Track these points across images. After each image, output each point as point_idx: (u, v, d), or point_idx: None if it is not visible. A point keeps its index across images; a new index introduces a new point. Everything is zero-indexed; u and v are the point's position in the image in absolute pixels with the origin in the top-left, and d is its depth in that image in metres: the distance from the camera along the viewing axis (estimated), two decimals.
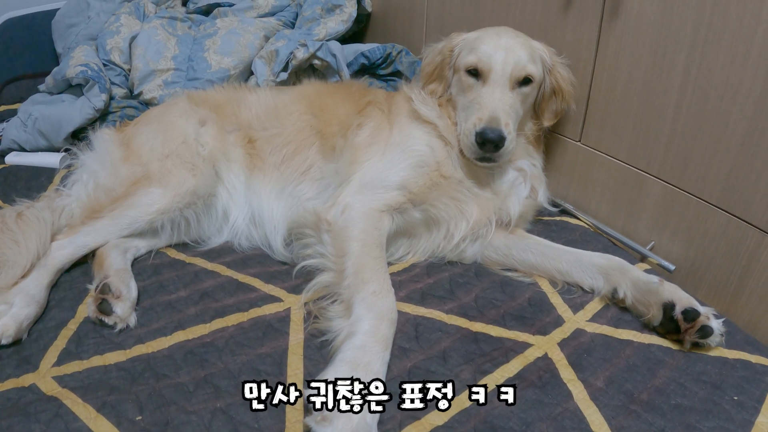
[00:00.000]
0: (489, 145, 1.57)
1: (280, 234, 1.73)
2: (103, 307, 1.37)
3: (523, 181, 1.75)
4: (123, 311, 1.38)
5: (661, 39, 1.59)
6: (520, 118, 1.71)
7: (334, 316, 1.35)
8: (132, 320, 1.40)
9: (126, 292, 1.42)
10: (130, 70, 2.51)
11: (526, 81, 1.67)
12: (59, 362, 1.29)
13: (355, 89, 1.95)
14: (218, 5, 2.84)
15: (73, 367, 1.27)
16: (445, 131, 1.71)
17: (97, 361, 1.29)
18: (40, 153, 2.31)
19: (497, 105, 1.61)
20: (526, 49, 1.68)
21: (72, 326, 1.40)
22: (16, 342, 1.34)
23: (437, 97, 1.78)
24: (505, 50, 1.65)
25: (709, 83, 1.50)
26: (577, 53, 1.84)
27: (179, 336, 1.36)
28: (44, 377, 1.24)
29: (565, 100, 1.79)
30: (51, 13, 2.93)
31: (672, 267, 1.69)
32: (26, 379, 1.24)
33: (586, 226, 1.88)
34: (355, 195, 1.59)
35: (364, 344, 1.22)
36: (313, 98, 1.90)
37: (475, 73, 1.67)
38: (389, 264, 1.60)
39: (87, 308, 1.42)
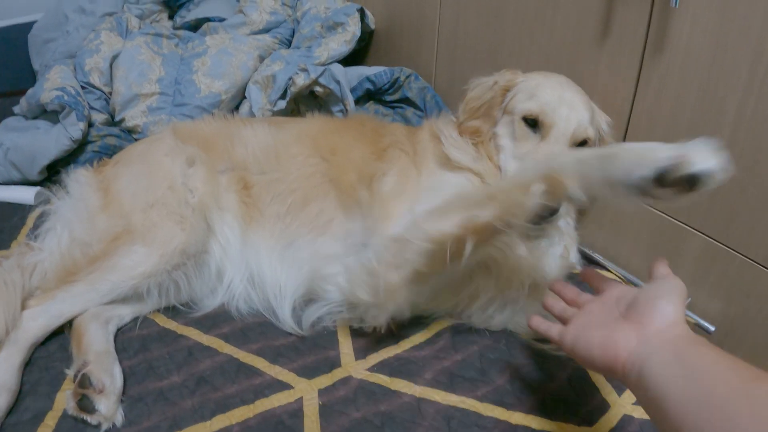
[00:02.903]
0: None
1: (287, 299, 1.54)
2: (84, 405, 1.18)
3: (558, 240, 1.59)
4: (107, 409, 1.19)
5: (712, 80, 1.43)
6: None
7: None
8: (118, 418, 1.20)
9: (109, 384, 1.22)
10: (111, 93, 2.31)
11: (582, 143, 1.53)
12: None
13: (368, 127, 1.74)
14: (208, 20, 2.64)
15: None
16: (486, 175, 1.54)
17: None
18: (12, 186, 2.11)
19: None
20: (588, 111, 1.53)
21: (50, 422, 1.21)
22: None
23: (482, 135, 1.60)
24: (569, 106, 1.50)
25: (763, 133, 1.36)
26: (613, 89, 1.68)
27: None
28: None
29: None
30: (27, 27, 2.76)
31: (712, 328, 1.58)
32: None
33: (617, 279, 1.72)
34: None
35: None
36: (319, 138, 1.69)
37: (533, 123, 1.51)
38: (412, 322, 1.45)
39: (66, 401, 1.22)
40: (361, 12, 2.50)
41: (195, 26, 2.70)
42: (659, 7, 1.49)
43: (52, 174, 2.13)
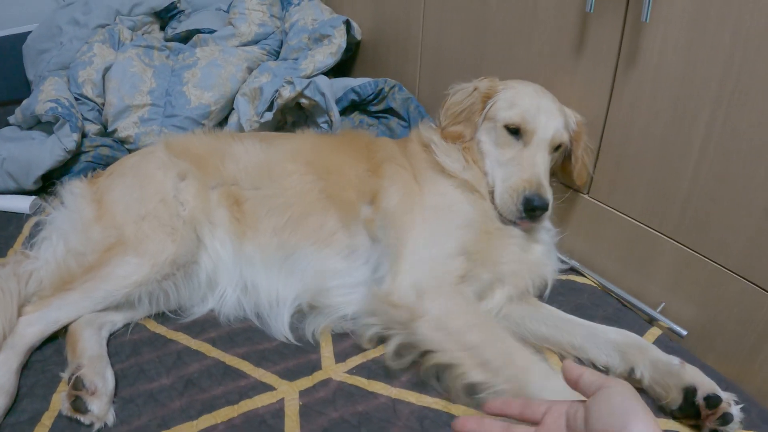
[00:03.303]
0: (537, 211, 1.55)
1: (286, 308, 1.59)
2: (78, 405, 1.24)
3: (551, 239, 1.73)
4: (99, 409, 1.24)
5: (683, 93, 1.50)
6: None
7: None
8: (110, 418, 1.26)
9: (102, 386, 1.28)
10: (103, 105, 2.36)
11: (558, 147, 1.67)
12: None
13: (359, 143, 1.80)
14: (198, 32, 2.70)
15: None
16: (476, 183, 1.65)
17: None
18: (9, 196, 2.17)
19: (540, 170, 1.60)
20: (562, 116, 1.66)
21: (47, 422, 1.26)
22: None
23: (465, 140, 1.71)
24: (546, 114, 1.63)
25: (732, 144, 1.42)
26: (588, 100, 1.75)
27: None
28: None
29: (585, 165, 1.76)
30: (22, 37, 2.80)
31: (684, 332, 1.62)
32: None
33: (594, 285, 1.79)
34: (418, 272, 1.45)
35: None
36: (312, 156, 1.74)
37: (514, 131, 1.63)
38: None
39: (61, 402, 1.28)
40: (347, 24, 2.55)
41: (186, 38, 2.76)
42: (631, 22, 1.56)
43: (47, 183, 2.18)
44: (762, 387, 1.50)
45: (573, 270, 1.88)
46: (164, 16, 2.96)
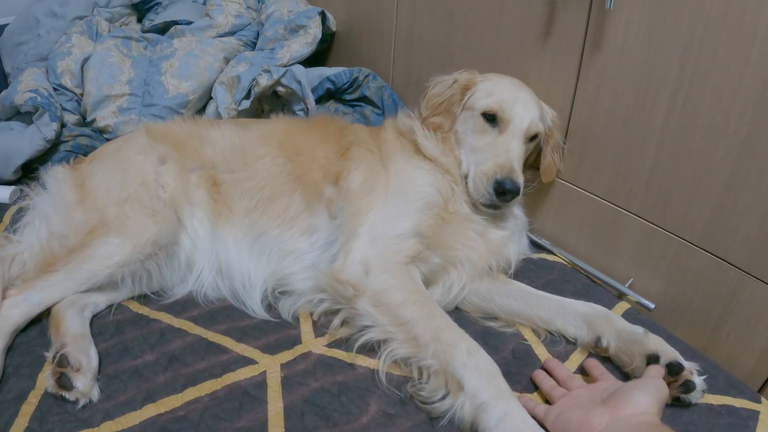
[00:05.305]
0: (508, 194, 1.59)
1: (257, 289, 1.64)
2: (63, 382, 1.27)
3: (518, 226, 1.77)
4: (84, 385, 1.28)
5: (645, 75, 1.56)
6: None
7: (437, 394, 1.29)
8: (95, 394, 1.30)
9: (86, 363, 1.32)
10: (82, 95, 2.38)
11: (534, 137, 1.71)
12: None
13: (331, 127, 1.84)
14: (175, 23, 2.71)
15: None
16: (450, 168, 1.70)
17: None
18: None
19: (514, 156, 1.64)
20: (539, 109, 1.71)
21: (33, 400, 1.29)
22: None
23: (444, 131, 1.75)
24: (523, 105, 1.68)
25: (693, 123, 1.49)
26: (555, 85, 1.80)
27: (150, 410, 1.27)
28: None
29: (553, 162, 1.83)
30: None
31: (652, 305, 1.68)
32: None
33: (564, 263, 1.85)
34: (369, 250, 1.51)
35: (506, 411, 1.20)
36: (284, 139, 1.78)
37: (491, 118, 1.67)
38: None
39: (46, 380, 1.31)
40: (322, 15, 2.58)
41: (163, 29, 2.76)
42: (596, 9, 1.61)
43: (26, 173, 2.20)
44: (729, 355, 1.57)
45: (544, 249, 1.94)
46: (141, 8, 2.96)
